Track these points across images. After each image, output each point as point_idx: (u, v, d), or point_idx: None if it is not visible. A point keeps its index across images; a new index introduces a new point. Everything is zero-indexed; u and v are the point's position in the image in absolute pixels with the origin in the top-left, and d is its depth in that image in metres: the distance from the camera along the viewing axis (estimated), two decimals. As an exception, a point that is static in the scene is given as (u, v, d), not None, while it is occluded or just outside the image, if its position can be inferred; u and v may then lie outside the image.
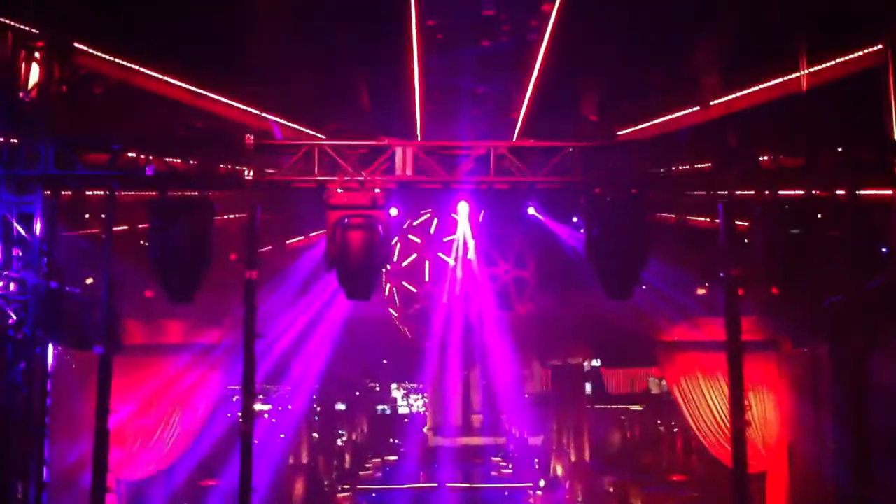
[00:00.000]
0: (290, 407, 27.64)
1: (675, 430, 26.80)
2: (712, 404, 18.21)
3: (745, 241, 12.73)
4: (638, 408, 29.67)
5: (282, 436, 25.67)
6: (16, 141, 9.97)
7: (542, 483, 26.70)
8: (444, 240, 15.69)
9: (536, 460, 30.27)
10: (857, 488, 15.36)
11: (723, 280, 12.10)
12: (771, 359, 18.26)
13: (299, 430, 24.32)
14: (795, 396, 17.89)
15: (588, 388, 28.35)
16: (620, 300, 13.22)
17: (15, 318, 7.56)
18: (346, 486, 25.73)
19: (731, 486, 11.03)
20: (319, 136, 13.09)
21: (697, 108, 12.62)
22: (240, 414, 11.47)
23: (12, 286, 7.67)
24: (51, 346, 7.80)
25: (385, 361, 25.75)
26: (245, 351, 10.71)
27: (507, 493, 28.22)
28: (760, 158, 12.28)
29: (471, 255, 15.72)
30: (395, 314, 16.93)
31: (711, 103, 12.63)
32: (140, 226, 12.41)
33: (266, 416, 28.37)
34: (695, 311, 17.61)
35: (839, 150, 11.93)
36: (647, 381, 28.73)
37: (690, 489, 22.57)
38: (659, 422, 28.53)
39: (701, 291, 16.18)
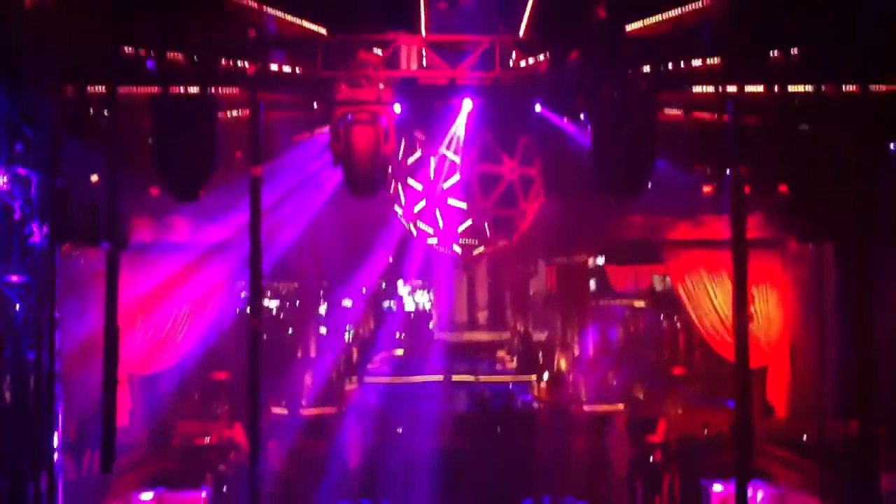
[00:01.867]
0: (297, 303, 27.98)
1: (678, 326, 27.08)
2: (715, 301, 18.36)
3: (754, 138, 12.63)
4: (641, 304, 29.91)
5: (290, 331, 26.06)
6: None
7: (545, 376, 27.14)
8: (449, 136, 15.56)
9: (541, 355, 30.72)
10: (858, 385, 15.64)
11: (729, 178, 12.04)
12: (775, 257, 18.33)
13: (306, 325, 24.61)
14: (799, 294, 18.03)
15: (592, 284, 28.53)
16: (627, 199, 13.22)
17: (20, 213, 7.59)
18: (353, 379, 26.19)
19: (733, 380, 11.20)
20: (322, 31, 12.87)
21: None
22: (248, 309, 11.63)
23: (17, 183, 7.67)
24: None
25: (391, 259, 25.84)
26: (251, 246, 10.76)
27: (511, 386, 28.74)
28: (771, 54, 12.07)
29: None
30: (401, 212, 16.93)
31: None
32: (144, 122, 12.32)
33: (273, 311, 28.75)
34: (700, 209, 17.61)
35: (851, 45, 11.70)
36: (651, 278, 28.91)
37: (692, 383, 22.95)
38: (662, 318, 28.81)
39: (707, 190, 16.11)
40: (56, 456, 7.62)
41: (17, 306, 7.55)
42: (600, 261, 27.97)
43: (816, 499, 11.11)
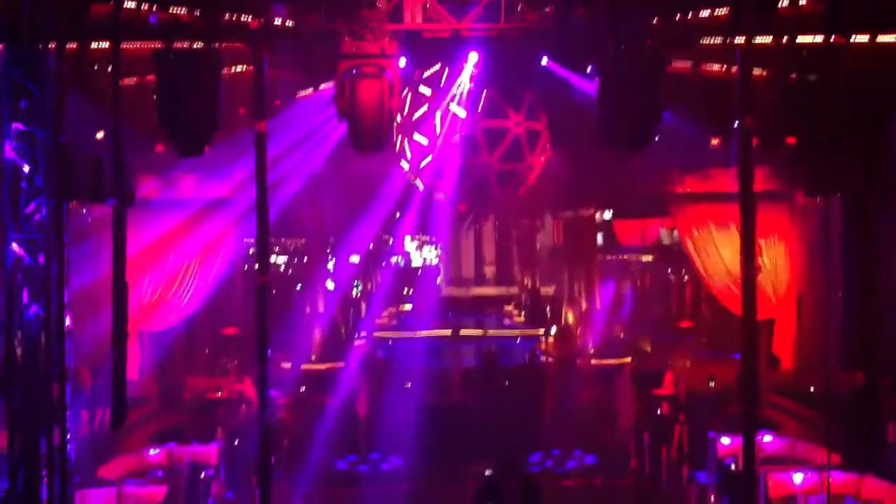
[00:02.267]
0: (304, 259, 28.05)
1: (685, 279, 27.10)
2: (723, 254, 18.36)
3: (761, 90, 12.53)
4: (649, 258, 29.91)
5: (298, 287, 26.15)
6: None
7: (553, 330, 27.27)
8: (453, 91, 15.47)
9: (548, 309, 30.81)
10: (863, 336, 15.69)
11: (737, 130, 11.96)
12: (783, 209, 18.30)
13: (314, 281, 24.71)
14: (806, 247, 18.02)
15: (599, 238, 28.52)
16: (634, 151, 13.15)
17: (26, 170, 7.61)
18: (362, 334, 26.32)
19: (740, 332, 11.23)
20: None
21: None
22: (256, 265, 11.66)
23: (22, 141, 7.67)
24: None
25: (398, 215, 25.84)
26: (258, 202, 10.77)
27: (518, 340, 28.88)
28: (780, 4, 11.93)
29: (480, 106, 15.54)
30: (407, 167, 16.90)
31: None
32: (148, 78, 12.28)
33: (282, 268, 28.83)
34: (708, 162, 17.54)
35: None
36: (658, 232, 28.89)
37: (699, 336, 23.03)
38: (669, 271, 28.82)
39: (714, 142, 16.03)
40: (67, 411, 7.71)
41: (25, 263, 7.58)
42: (607, 215, 27.95)
43: (823, 449, 11.18)
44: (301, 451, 15.27)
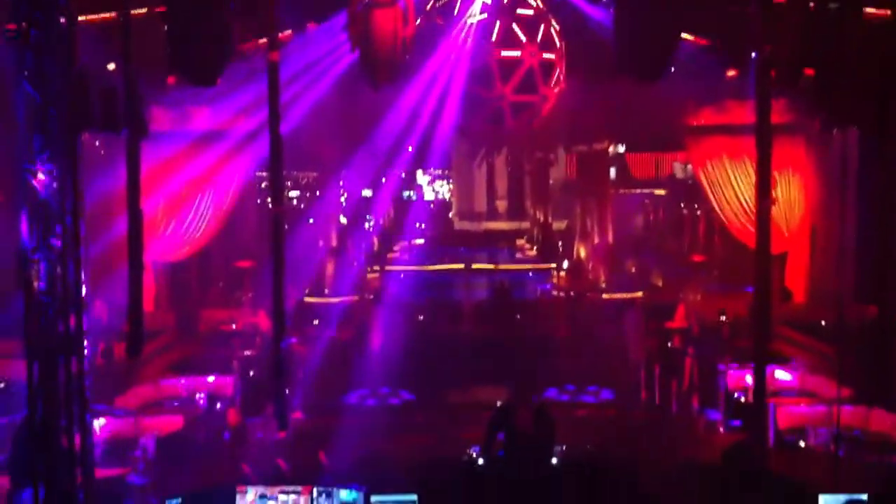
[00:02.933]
0: (317, 193, 28.05)
1: (699, 213, 27.02)
2: (737, 187, 18.27)
3: (780, 19, 12.30)
4: (662, 192, 29.79)
5: (310, 221, 26.17)
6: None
7: (565, 265, 27.32)
8: (467, 20, 15.26)
9: (560, 243, 30.82)
10: (877, 270, 15.63)
11: (754, 61, 11.77)
12: (799, 142, 18.13)
13: (327, 215, 24.75)
14: (821, 179, 17.91)
15: (612, 172, 28.35)
16: (649, 82, 12.98)
17: (41, 101, 7.57)
18: (374, 268, 26.43)
19: (753, 265, 11.19)
20: None
21: None
22: (269, 199, 11.67)
23: (35, 69, 7.62)
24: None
25: (410, 149, 25.72)
26: (271, 135, 10.71)
27: (531, 274, 28.95)
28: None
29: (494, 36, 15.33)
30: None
31: None
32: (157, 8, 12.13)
33: (294, 202, 28.88)
34: (723, 94, 17.34)
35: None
36: (671, 165, 28.72)
37: (711, 269, 23.02)
38: (682, 205, 28.71)
39: (731, 74, 15.81)
40: (84, 339, 7.79)
41: (42, 195, 7.60)
42: (621, 149, 27.76)
43: (834, 382, 11.24)
44: (315, 383, 15.42)
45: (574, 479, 8.85)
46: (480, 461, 9.64)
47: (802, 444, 11.70)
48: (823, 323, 16.32)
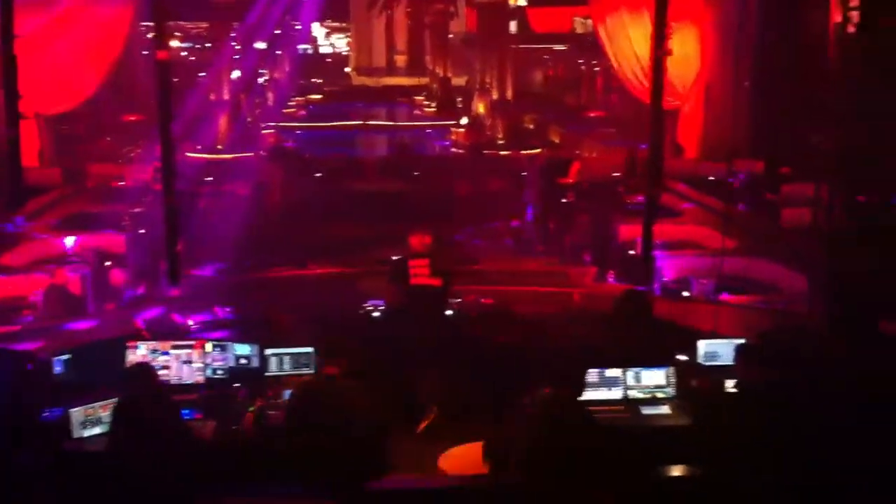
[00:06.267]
0: (207, 45, 27.01)
1: (597, 69, 27.10)
2: (634, 42, 18.23)
3: None
4: (562, 47, 29.69)
5: (201, 75, 25.29)
6: None
7: (463, 121, 27.20)
8: None
9: (459, 99, 30.60)
10: (766, 127, 16.03)
11: None
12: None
13: (218, 68, 23.84)
14: (718, 35, 17.96)
15: (513, 26, 28.02)
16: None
17: None
18: (270, 124, 25.85)
19: (649, 118, 11.25)
20: None
21: None
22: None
23: None
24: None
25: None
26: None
27: (429, 131, 28.81)
28: None
29: None
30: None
31: None
32: None
33: (183, 53, 27.74)
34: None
35: None
36: (572, 20, 28.54)
37: (607, 125, 23.27)
38: (581, 61, 28.73)
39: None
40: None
41: None
42: (522, 2, 27.37)
43: (718, 234, 11.58)
44: (210, 240, 15.12)
45: (467, 329, 9.03)
46: (376, 314, 9.71)
47: (686, 293, 12.13)
48: (712, 178, 16.73)
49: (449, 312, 9.20)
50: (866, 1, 8.02)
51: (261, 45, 27.24)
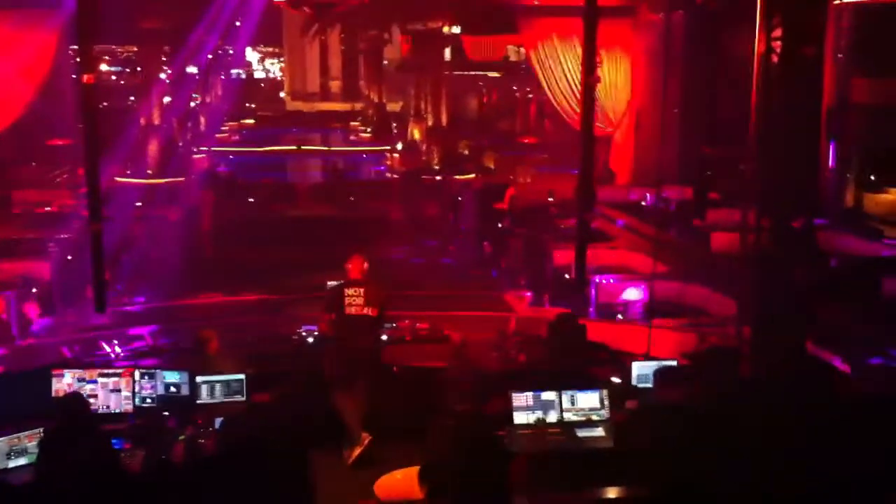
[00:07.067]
0: (138, 69, 26.62)
1: (531, 96, 27.39)
2: (566, 69, 18.53)
3: None
4: (496, 74, 29.95)
5: (131, 99, 24.92)
6: None
7: (399, 146, 27.21)
8: None
9: (394, 125, 30.64)
10: (697, 152, 16.33)
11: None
12: (627, 24, 18.48)
13: (149, 91, 23.44)
14: (647, 62, 18.35)
15: (448, 53, 28.19)
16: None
17: None
18: (202, 149, 25.54)
19: (580, 145, 11.37)
20: None
21: None
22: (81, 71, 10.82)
23: None
24: None
25: (238, 23, 24.63)
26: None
27: (364, 156, 28.77)
28: None
29: None
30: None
31: None
32: None
33: (113, 77, 27.32)
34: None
35: None
36: (506, 48, 28.80)
37: (541, 151, 23.50)
38: (515, 88, 29.02)
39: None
40: None
41: None
42: (456, 30, 27.55)
43: (650, 259, 11.73)
44: (141, 263, 14.82)
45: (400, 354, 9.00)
46: (310, 339, 9.61)
47: (620, 317, 12.24)
48: (644, 203, 16.96)
49: (384, 338, 9.15)
50: (788, 31, 8.21)
51: (193, 70, 26.94)
